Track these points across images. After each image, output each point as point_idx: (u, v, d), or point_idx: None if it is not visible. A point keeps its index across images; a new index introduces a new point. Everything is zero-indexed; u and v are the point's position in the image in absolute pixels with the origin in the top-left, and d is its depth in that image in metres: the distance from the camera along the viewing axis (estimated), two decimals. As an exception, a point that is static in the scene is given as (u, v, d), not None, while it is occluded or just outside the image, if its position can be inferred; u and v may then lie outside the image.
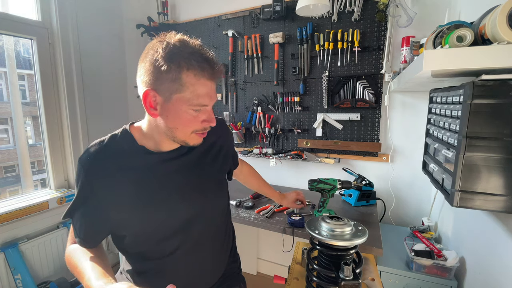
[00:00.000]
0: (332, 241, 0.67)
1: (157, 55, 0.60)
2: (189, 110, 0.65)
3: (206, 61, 0.63)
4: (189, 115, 0.65)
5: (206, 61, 0.62)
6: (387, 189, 1.71)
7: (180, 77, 0.61)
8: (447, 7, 1.33)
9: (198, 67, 0.61)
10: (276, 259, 2.15)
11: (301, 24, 1.78)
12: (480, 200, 0.69)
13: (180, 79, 0.61)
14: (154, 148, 0.72)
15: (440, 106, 0.90)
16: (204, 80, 0.63)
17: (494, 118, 0.65)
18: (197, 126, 0.68)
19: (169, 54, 0.60)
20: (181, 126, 0.66)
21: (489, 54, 0.62)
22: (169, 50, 0.60)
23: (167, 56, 0.60)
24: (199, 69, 0.61)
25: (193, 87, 0.62)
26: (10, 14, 1.65)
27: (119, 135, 0.73)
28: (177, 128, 0.67)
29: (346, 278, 0.63)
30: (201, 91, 0.63)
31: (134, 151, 0.71)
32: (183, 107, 0.64)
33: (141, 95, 0.66)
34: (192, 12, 2.17)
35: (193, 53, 0.62)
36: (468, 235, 1.15)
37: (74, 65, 1.90)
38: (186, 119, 0.66)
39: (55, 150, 1.90)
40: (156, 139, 0.71)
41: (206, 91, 0.64)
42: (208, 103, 0.66)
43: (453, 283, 1.16)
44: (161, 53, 0.60)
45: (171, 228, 0.75)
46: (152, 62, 0.61)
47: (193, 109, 0.65)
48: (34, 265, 1.71)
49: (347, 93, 1.72)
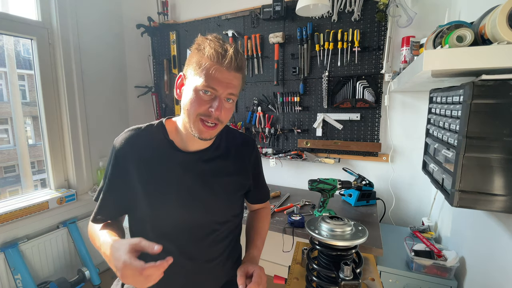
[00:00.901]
0: (332, 241, 0.67)
1: (192, 47, 0.71)
2: (199, 92, 0.69)
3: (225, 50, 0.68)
4: (198, 96, 0.69)
5: (224, 50, 0.68)
6: (387, 189, 1.71)
7: (199, 60, 0.68)
8: (447, 7, 1.33)
9: (215, 52, 0.67)
10: (276, 259, 2.15)
11: (301, 24, 1.78)
12: (480, 200, 0.69)
13: (199, 62, 0.68)
14: (181, 145, 0.78)
15: (440, 106, 0.90)
16: (218, 66, 0.67)
17: (494, 118, 0.65)
18: (201, 109, 0.69)
19: (198, 43, 0.70)
20: (189, 105, 0.70)
21: (489, 54, 0.62)
22: (199, 40, 0.70)
23: (196, 44, 0.71)
24: (215, 54, 0.67)
25: (207, 70, 0.67)
26: (10, 14, 1.65)
27: (155, 125, 0.79)
28: (186, 108, 0.71)
29: (346, 278, 0.63)
30: (214, 75, 0.67)
31: (163, 144, 0.77)
32: (194, 87, 0.69)
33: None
34: (192, 12, 2.17)
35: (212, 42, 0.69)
36: (468, 235, 1.15)
37: (74, 65, 1.90)
38: (193, 98, 0.69)
39: (55, 150, 1.90)
40: (183, 134, 0.77)
41: (218, 77, 0.68)
42: (217, 88, 0.68)
43: (453, 283, 1.16)
44: (195, 45, 0.71)
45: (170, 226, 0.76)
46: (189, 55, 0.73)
47: (202, 89, 0.68)
48: (34, 265, 1.71)
49: (347, 93, 1.72)
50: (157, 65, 2.38)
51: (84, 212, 2.02)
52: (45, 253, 1.76)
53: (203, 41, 0.70)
